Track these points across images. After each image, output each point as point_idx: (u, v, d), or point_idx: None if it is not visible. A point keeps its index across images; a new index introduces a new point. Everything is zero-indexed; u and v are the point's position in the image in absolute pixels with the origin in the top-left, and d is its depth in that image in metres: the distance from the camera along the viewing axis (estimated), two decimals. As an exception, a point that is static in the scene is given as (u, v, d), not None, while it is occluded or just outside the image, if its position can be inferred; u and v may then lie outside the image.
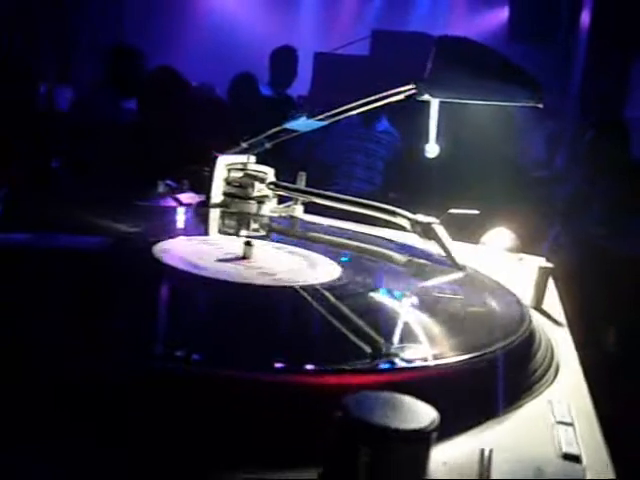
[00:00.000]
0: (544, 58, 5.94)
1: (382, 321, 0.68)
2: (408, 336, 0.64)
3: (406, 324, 0.69)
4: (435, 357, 0.57)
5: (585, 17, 6.00)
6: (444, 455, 0.48)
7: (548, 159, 5.43)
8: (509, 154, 3.19)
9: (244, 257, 0.84)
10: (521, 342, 0.68)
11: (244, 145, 1.36)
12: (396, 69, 6.12)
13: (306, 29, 8.92)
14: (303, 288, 0.74)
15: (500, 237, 1.28)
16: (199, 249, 0.88)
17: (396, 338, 0.62)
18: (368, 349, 0.57)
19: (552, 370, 0.71)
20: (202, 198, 1.37)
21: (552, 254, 2.89)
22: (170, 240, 0.88)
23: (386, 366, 0.54)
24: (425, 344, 0.62)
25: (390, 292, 0.79)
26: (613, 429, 0.66)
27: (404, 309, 0.75)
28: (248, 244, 0.85)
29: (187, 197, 1.42)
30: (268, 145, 1.38)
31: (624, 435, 0.89)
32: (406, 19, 8.91)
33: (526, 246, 1.35)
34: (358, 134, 4.33)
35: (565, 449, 0.52)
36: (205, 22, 8.86)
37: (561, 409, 0.60)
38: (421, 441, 0.43)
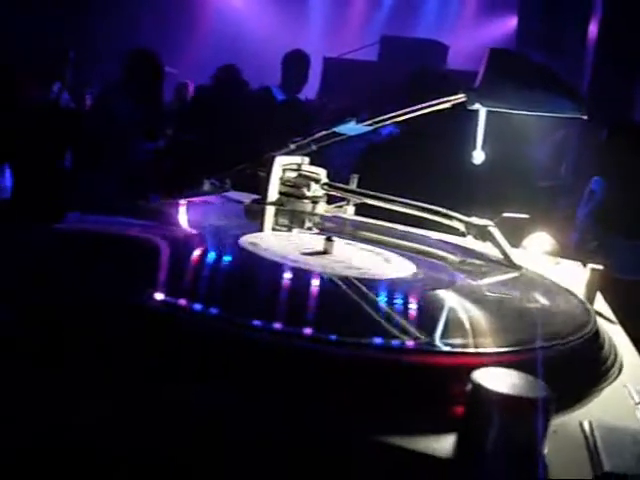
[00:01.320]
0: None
1: (485, 312, 0.76)
2: (513, 325, 0.72)
3: (506, 315, 0.77)
4: (535, 343, 0.64)
5: (593, 27, 6.09)
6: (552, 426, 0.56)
7: (554, 168, 5.51)
8: (526, 164, 3.25)
9: (325, 252, 0.91)
10: (593, 333, 0.76)
11: (292, 147, 1.44)
12: (404, 75, 6.20)
13: (315, 34, 9.03)
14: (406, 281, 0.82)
15: (540, 241, 1.35)
16: (281, 243, 0.95)
17: (504, 325, 0.70)
18: (491, 336, 0.65)
19: (618, 360, 0.78)
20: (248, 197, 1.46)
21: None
22: (255, 234, 0.96)
23: (506, 349, 0.61)
24: (524, 332, 0.69)
25: (471, 289, 0.87)
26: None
27: (494, 304, 0.83)
28: (329, 239, 0.92)
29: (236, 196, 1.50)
30: (314, 147, 1.45)
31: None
32: (414, 25, 9.01)
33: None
34: (364, 138, 4.41)
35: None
36: (213, 26, 8.96)
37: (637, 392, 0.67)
38: (546, 409, 0.50)
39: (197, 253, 0.89)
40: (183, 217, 1.11)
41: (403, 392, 0.55)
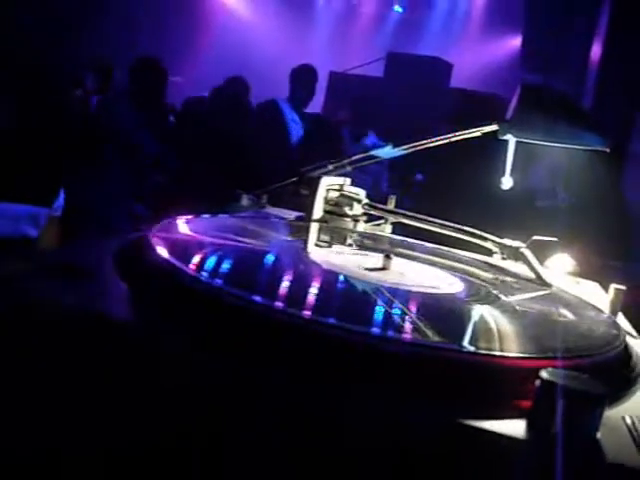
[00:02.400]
0: (556, 88, 6.20)
1: (535, 325, 0.89)
2: (561, 335, 0.85)
3: (545, 326, 0.90)
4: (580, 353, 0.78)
5: (596, 50, 6.23)
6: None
7: (552, 188, 5.63)
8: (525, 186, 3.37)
9: (383, 268, 1.04)
10: (624, 345, 0.89)
11: (330, 167, 1.57)
12: (409, 91, 6.33)
13: (320, 47, 9.18)
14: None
15: (562, 262, 1.49)
16: (343, 259, 1.08)
17: (556, 336, 0.83)
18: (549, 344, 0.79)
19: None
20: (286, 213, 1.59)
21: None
22: (324, 250, 1.09)
23: (562, 355, 0.75)
24: (570, 343, 0.83)
25: (513, 304, 1.00)
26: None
27: (534, 317, 0.96)
28: (388, 257, 1.05)
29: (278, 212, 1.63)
30: (349, 168, 1.58)
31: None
32: (419, 42, 9.19)
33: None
34: (349, 151, 4.57)
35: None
36: (217, 39, 9.09)
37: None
38: (603, 402, 0.63)
39: (282, 267, 1.02)
40: (247, 231, 1.24)
41: (482, 386, 0.69)
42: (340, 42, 9.50)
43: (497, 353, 0.73)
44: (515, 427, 0.65)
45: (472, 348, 0.72)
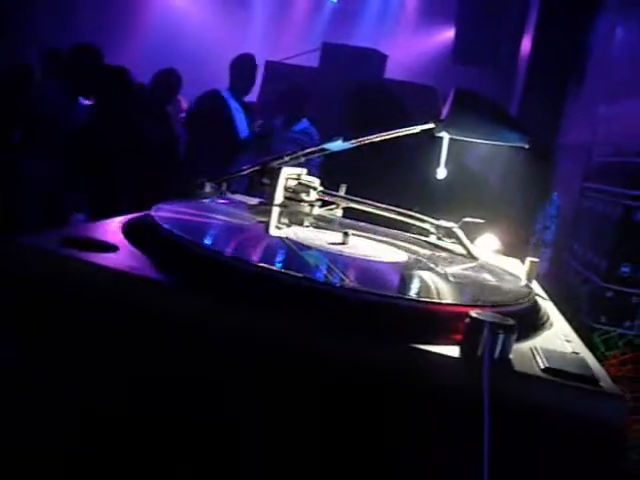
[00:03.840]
0: (487, 81, 6.57)
1: (464, 285, 1.17)
2: (485, 292, 1.13)
3: (480, 287, 1.18)
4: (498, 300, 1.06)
5: (526, 44, 6.57)
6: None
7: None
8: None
9: (343, 243, 1.31)
10: (535, 298, 1.18)
11: (286, 159, 1.82)
12: (344, 81, 6.58)
13: (256, 37, 9.40)
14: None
15: (489, 241, 1.78)
16: (310, 236, 1.34)
17: (482, 292, 1.11)
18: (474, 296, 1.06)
19: (551, 318, 1.20)
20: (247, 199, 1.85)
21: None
22: (288, 229, 1.35)
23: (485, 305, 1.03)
24: (485, 296, 1.11)
25: (445, 269, 1.28)
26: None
27: (469, 280, 1.24)
28: (346, 234, 1.32)
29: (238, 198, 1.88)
30: (302, 160, 1.84)
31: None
32: (354, 32, 9.50)
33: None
34: (278, 137, 4.82)
35: (571, 349, 1.01)
36: (152, 27, 9.22)
37: (564, 336, 1.09)
38: (513, 330, 0.91)
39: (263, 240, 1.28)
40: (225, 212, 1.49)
41: (431, 326, 0.96)
42: (276, 32, 9.75)
43: (439, 301, 1.01)
44: (452, 351, 0.92)
45: (423, 298, 1.00)
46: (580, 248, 3.68)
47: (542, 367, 0.91)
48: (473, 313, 0.92)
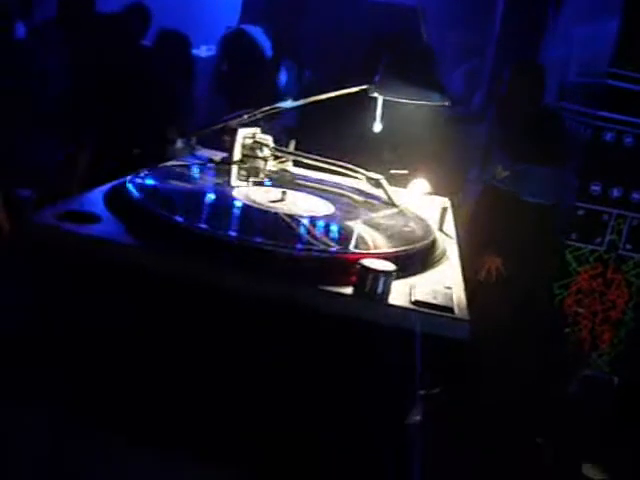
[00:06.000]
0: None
1: (376, 231, 1.56)
2: (385, 240, 1.51)
3: (389, 233, 1.57)
4: (396, 246, 1.44)
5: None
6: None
7: (467, 96, 6.20)
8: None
9: (282, 199, 1.69)
10: (432, 240, 1.57)
11: (245, 117, 2.17)
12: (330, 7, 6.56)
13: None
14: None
15: (419, 185, 2.15)
16: (254, 195, 1.71)
17: (383, 239, 1.50)
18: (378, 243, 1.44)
19: (445, 256, 1.58)
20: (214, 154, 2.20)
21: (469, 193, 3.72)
22: (239, 189, 1.73)
23: (383, 251, 1.41)
24: (388, 242, 1.49)
25: (365, 219, 1.66)
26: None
27: (383, 227, 1.62)
28: (284, 193, 1.69)
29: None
30: (259, 116, 2.20)
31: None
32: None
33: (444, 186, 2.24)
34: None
35: (446, 285, 1.40)
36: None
37: (446, 277, 1.48)
38: (392, 275, 1.29)
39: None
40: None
41: (332, 271, 1.34)
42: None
43: (336, 250, 1.39)
44: (349, 290, 1.30)
45: (324, 249, 1.39)
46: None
47: (412, 300, 1.29)
48: (363, 261, 1.30)
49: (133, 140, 4.06)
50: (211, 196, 1.73)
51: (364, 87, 2.04)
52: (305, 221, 1.57)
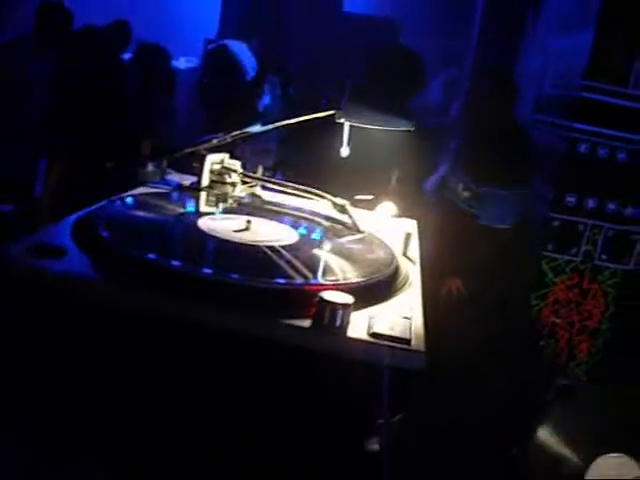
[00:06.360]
0: (449, 2, 6.80)
1: (339, 259, 1.60)
2: (348, 268, 1.55)
3: (352, 261, 1.61)
4: (357, 277, 1.48)
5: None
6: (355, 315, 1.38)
7: (444, 106, 6.22)
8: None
9: (246, 229, 1.72)
10: (394, 268, 1.61)
11: (214, 142, 2.21)
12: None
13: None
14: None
15: (386, 208, 2.20)
16: (219, 225, 1.75)
17: (346, 269, 1.54)
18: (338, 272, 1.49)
19: (407, 283, 1.63)
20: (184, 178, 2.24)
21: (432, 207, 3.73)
22: (204, 219, 1.76)
23: (343, 282, 1.45)
24: (350, 271, 1.53)
25: (329, 247, 1.70)
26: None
27: (346, 255, 1.66)
28: (249, 222, 1.73)
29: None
30: (229, 139, 2.24)
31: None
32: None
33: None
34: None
35: (405, 315, 1.44)
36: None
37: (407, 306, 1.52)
38: (349, 307, 1.33)
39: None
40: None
41: (292, 303, 1.38)
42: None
43: (296, 282, 1.43)
44: (307, 323, 1.34)
45: (283, 281, 1.43)
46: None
47: (370, 332, 1.34)
48: (322, 294, 1.34)
49: (107, 153, 4.10)
50: (173, 227, 1.76)
51: (331, 112, 2.08)
52: (268, 251, 1.61)
